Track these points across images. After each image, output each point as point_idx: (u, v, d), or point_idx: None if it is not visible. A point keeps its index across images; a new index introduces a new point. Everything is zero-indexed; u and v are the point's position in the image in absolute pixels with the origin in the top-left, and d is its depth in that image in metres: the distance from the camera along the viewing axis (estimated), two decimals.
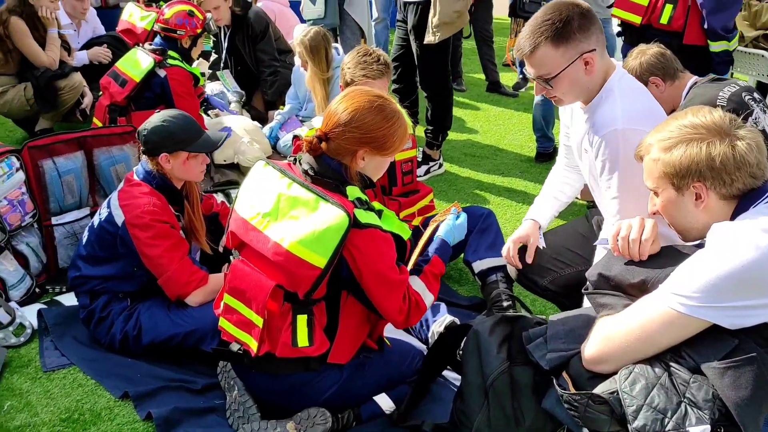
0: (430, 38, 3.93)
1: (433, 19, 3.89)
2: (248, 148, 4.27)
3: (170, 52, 4.06)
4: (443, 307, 2.67)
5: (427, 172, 4.34)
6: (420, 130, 4.45)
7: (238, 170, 4.25)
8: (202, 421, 2.24)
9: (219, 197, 3.08)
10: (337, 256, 1.85)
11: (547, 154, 4.59)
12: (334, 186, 1.94)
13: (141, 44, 4.54)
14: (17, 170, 2.84)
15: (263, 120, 4.94)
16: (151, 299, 2.53)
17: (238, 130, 4.38)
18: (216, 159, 4.16)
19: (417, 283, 2.08)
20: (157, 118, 2.53)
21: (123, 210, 2.45)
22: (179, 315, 2.48)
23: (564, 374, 1.70)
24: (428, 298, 2.09)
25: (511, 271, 2.62)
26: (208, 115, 4.57)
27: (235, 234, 2.05)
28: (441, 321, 2.54)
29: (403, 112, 2.07)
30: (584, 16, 1.97)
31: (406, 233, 2.04)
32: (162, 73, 3.98)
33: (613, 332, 1.59)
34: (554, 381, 1.69)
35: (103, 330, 2.55)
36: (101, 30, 5.18)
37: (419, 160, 4.25)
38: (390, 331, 2.34)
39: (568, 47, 1.96)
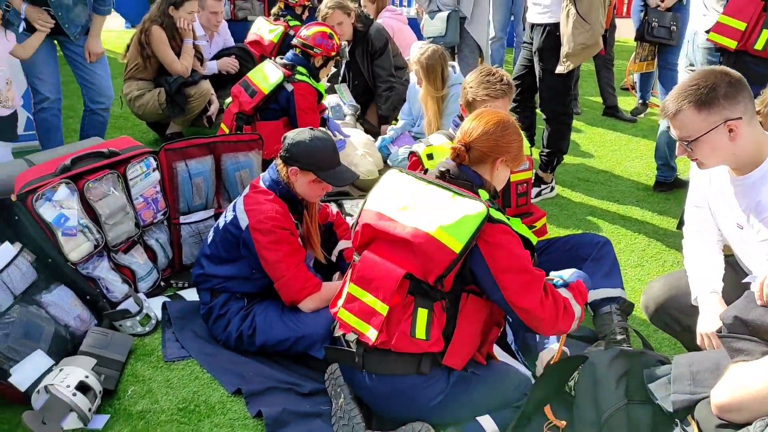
0: (560, 68, 3.88)
1: (562, 49, 3.84)
2: (361, 161, 4.36)
3: (299, 68, 4.21)
4: (552, 336, 2.61)
5: (539, 194, 4.26)
6: (534, 152, 4.38)
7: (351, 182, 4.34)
8: (309, 424, 2.30)
9: (332, 207, 3.15)
10: (471, 244, 1.96)
11: (667, 183, 4.40)
12: (469, 187, 2.11)
13: (268, 56, 4.76)
14: (154, 170, 3.05)
15: (376, 134, 5.03)
16: (266, 301, 2.64)
17: (352, 142, 4.49)
18: None
19: (564, 292, 2.11)
20: (307, 133, 2.63)
21: (248, 214, 2.57)
22: (292, 319, 2.57)
23: (689, 418, 1.62)
24: (576, 309, 2.11)
25: (648, 309, 2.50)
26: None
27: (367, 226, 2.14)
28: (551, 350, 2.48)
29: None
30: (732, 84, 1.99)
31: (533, 239, 2.11)
32: (289, 87, 4.14)
33: (750, 380, 1.50)
34: (678, 424, 1.62)
35: (220, 327, 2.67)
36: (231, 42, 5.47)
37: (532, 181, 4.18)
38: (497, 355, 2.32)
39: (711, 112, 1.99)
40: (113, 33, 8.07)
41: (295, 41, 4.35)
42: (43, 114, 3.96)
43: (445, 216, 1.99)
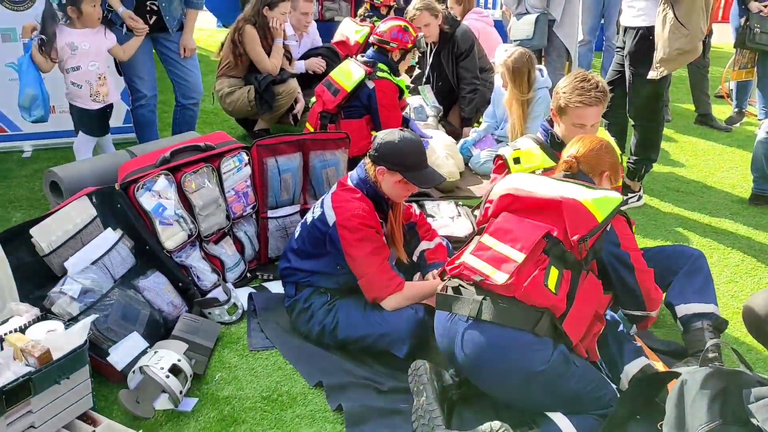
0: (652, 74, 3.75)
1: (656, 54, 3.71)
2: (443, 162, 4.36)
3: (380, 65, 4.28)
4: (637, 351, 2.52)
5: (625, 203, 4.14)
6: (623, 160, 4.26)
7: None
8: (388, 421, 2.32)
9: (415, 208, 3.16)
10: (610, 219, 2.20)
11: (763, 196, 4.18)
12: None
13: (353, 56, 4.84)
14: (245, 165, 3.15)
15: (458, 135, 5.02)
16: (350, 297, 2.68)
17: (434, 144, 4.50)
18: None
19: None
20: (397, 134, 2.66)
21: (335, 211, 2.62)
22: (375, 316, 2.60)
23: None
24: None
25: (750, 323, 2.41)
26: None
27: (507, 195, 2.34)
28: (638, 363, 2.40)
29: None
30: None
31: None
32: (371, 84, 4.23)
33: None
34: None
35: (303, 320, 2.73)
36: (319, 42, 5.58)
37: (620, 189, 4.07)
38: None
39: None
40: (205, 32, 8.39)
41: (372, 38, 4.40)
42: (141, 110, 4.15)
43: (587, 194, 2.23)
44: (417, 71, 5.59)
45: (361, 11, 6.32)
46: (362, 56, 4.45)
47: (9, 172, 4.19)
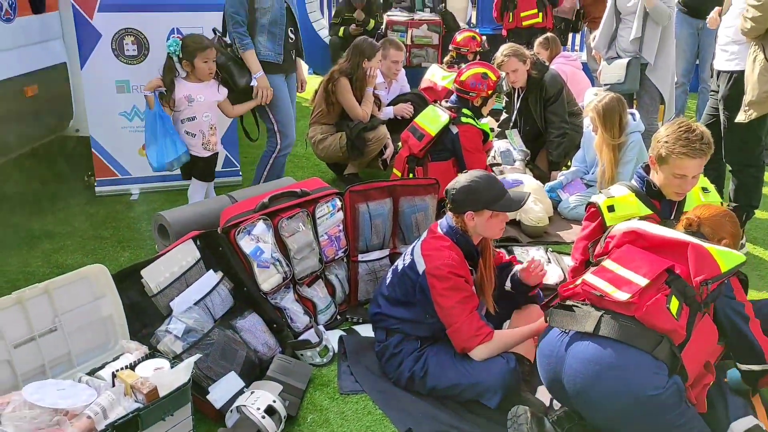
0: (741, 117, 3.64)
1: (745, 97, 3.60)
2: (531, 207, 4.33)
3: (464, 110, 4.35)
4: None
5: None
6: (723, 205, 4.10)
7: (518, 227, 4.33)
8: None
9: (504, 254, 3.15)
10: (732, 273, 2.23)
11: None
12: None
13: (440, 101, 4.93)
14: (338, 210, 3.26)
15: (545, 179, 4.98)
16: (440, 345, 2.69)
17: (522, 188, 4.47)
18: None
19: None
20: (464, 178, 2.70)
21: (425, 259, 2.66)
22: (465, 365, 2.59)
23: None
24: None
25: None
26: (493, 171, 4.75)
27: (631, 231, 2.41)
28: (745, 423, 2.28)
29: None
30: None
31: None
32: (454, 129, 4.31)
33: None
34: None
35: (392, 365, 2.76)
36: (407, 88, 5.71)
37: None
38: None
39: None
40: None
41: (453, 86, 4.48)
42: (282, 159, 4.31)
43: (713, 245, 2.28)
44: (504, 116, 5.61)
45: (447, 58, 6.43)
46: (447, 101, 4.54)
47: (118, 214, 4.48)
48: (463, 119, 4.35)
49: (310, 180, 3.47)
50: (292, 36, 4.13)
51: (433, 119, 4.42)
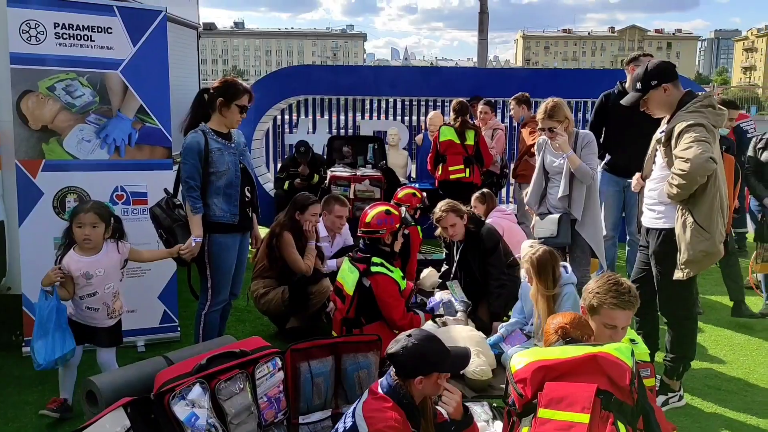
0: (678, 275, 3.77)
1: (680, 256, 3.75)
2: (474, 360, 4.31)
3: (373, 259, 4.29)
4: None
5: (665, 403, 4.00)
6: (659, 357, 4.20)
7: (462, 381, 4.28)
8: None
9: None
10: (635, 364, 2.30)
11: None
12: None
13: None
14: (279, 370, 3.18)
15: (487, 330, 5.01)
16: None
17: (465, 341, 4.48)
18: None
19: None
20: (405, 340, 2.67)
21: (367, 422, 2.59)
22: None
23: None
24: None
25: None
26: (436, 323, 4.76)
27: (538, 369, 2.37)
28: None
29: None
30: None
31: None
32: (367, 282, 4.22)
33: None
34: None
35: None
36: (350, 241, 5.84)
37: (657, 389, 3.96)
38: None
39: None
40: None
41: (359, 232, 4.46)
42: (215, 315, 4.19)
43: (602, 348, 2.33)
44: (444, 267, 5.74)
45: None
46: (355, 254, 4.45)
47: (46, 376, 4.24)
48: (373, 269, 4.24)
49: (250, 339, 3.41)
50: (248, 195, 4.13)
51: (348, 277, 4.34)
